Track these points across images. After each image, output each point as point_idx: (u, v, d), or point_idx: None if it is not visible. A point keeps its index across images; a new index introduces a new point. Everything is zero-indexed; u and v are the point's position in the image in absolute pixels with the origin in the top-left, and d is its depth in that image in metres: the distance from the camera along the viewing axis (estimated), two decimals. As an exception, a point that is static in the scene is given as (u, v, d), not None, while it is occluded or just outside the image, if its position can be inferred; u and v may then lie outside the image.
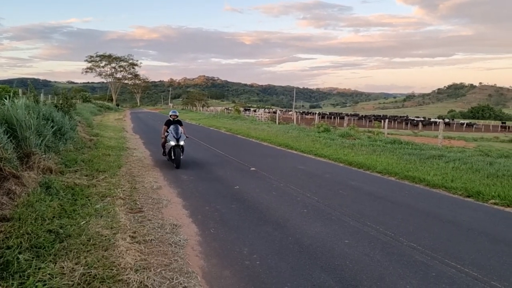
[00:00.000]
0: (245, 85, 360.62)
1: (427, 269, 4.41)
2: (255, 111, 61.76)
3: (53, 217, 5.28)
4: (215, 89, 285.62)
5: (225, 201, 7.34)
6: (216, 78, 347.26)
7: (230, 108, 71.29)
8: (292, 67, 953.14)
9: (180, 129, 11.02)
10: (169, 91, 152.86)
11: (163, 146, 11.68)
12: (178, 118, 11.57)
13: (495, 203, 7.56)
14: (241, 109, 64.69)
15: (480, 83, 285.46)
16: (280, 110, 66.44)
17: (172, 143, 10.62)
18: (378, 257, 4.74)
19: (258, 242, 5.17)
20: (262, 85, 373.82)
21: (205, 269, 4.35)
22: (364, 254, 4.81)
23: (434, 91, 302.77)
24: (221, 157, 13.28)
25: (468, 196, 8.12)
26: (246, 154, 14.28)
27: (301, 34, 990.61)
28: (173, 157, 10.76)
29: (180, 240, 5.15)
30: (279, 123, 30.82)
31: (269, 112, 54.14)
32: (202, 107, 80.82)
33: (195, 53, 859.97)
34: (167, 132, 11.12)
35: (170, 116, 11.41)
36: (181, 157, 10.76)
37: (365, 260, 4.63)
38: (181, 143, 10.74)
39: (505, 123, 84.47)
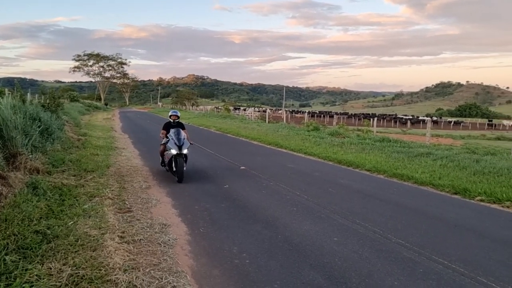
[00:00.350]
0: (235, 84, 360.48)
1: (414, 265, 4.46)
2: (245, 110, 61.75)
3: (40, 217, 5.22)
4: (205, 88, 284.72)
5: (215, 200, 7.32)
6: (205, 77, 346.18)
7: (220, 107, 71.20)
8: (281, 66, 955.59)
9: (183, 134, 9.12)
10: (158, 90, 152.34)
11: (162, 155, 9.68)
12: (180, 120, 9.83)
13: (481, 200, 7.66)
14: (231, 108, 64.58)
15: (467, 81, 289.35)
16: (270, 109, 66.51)
17: (173, 151, 8.69)
18: (366, 254, 4.78)
19: (248, 241, 5.17)
20: (252, 84, 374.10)
21: (194, 268, 4.34)
22: (353, 252, 4.85)
23: (422, 89, 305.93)
24: (211, 156, 13.26)
25: (455, 193, 8.22)
26: (236, 153, 14.27)
27: (291, 33, 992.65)
28: (174, 169, 8.84)
29: (169, 240, 5.13)
30: (269, 122, 30.85)
31: (259, 111, 54.19)
32: (192, 106, 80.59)
33: (184, 52, 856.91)
34: (167, 137, 9.24)
35: (170, 117, 9.70)
36: (184, 168, 8.88)
37: (354, 257, 4.67)
38: (184, 151, 8.79)
39: (491, 121, 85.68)
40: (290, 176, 9.82)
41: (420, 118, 79.01)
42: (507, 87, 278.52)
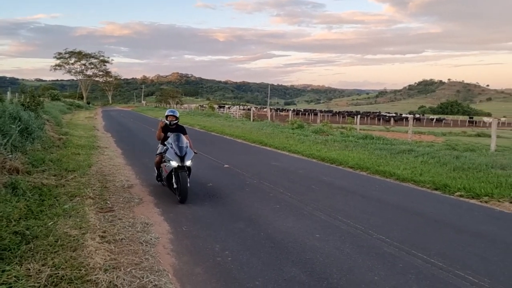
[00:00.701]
0: (220, 82, 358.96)
1: (394, 260, 4.53)
2: (229, 108, 61.63)
3: (20, 218, 5.13)
4: (189, 86, 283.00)
5: (198, 198, 7.31)
6: (190, 75, 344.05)
7: (204, 105, 70.92)
8: (266, 64, 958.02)
9: (185, 140, 7.39)
10: (141, 88, 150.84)
11: (158, 167, 7.87)
12: (179, 122, 7.94)
13: (460, 195, 7.80)
14: (216, 106, 64.41)
15: (449, 79, 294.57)
16: (255, 107, 66.50)
17: (174, 164, 6.93)
18: (348, 250, 4.83)
19: (230, 239, 5.18)
20: (236, 82, 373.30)
21: (176, 266, 4.33)
22: (334, 248, 4.90)
23: (405, 87, 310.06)
24: (195, 154, 13.18)
25: (436, 189, 8.36)
26: (220, 151, 14.24)
27: (275, 31, 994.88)
28: (175, 185, 7.07)
29: (151, 239, 5.11)
30: (253, 120, 30.87)
31: (243, 109, 54.15)
32: (176, 105, 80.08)
33: (168, 50, 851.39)
34: (164, 144, 7.56)
35: (166, 117, 7.76)
36: (188, 184, 7.02)
37: (335, 254, 4.71)
38: (188, 163, 7.03)
39: (472, 118, 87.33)
40: (273, 174, 9.85)
41: (403, 115, 79.91)
42: (487, 85, 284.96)
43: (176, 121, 7.78)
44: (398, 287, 3.89)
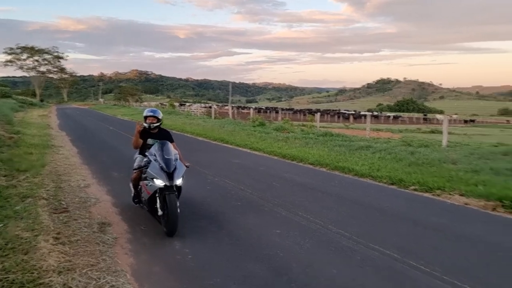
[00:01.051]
0: (180, 79, 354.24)
1: (352, 253, 4.64)
2: (190, 106, 60.97)
3: (-35, 221, 4.86)
4: (149, 84, 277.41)
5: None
6: (149, 72, 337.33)
7: (165, 103, 69.79)
8: (228, 61, 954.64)
9: (172, 150, 5.72)
10: (99, 85, 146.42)
11: (136, 185, 6.02)
12: (162, 126, 6.37)
13: (415, 189, 8.10)
14: (176, 104, 63.51)
15: (405, 78, 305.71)
16: (216, 105, 66.17)
17: (159, 183, 5.12)
18: (307, 245, 4.90)
19: (191, 237, 5.13)
20: (198, 80, 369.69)
21: (134, 266, 4.24)
22: (294, 243, 4.95)
23: (364, 85, 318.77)
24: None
25: (392, 184, 8.63)
26: (181, 149, 13.99)
27: (236, 29, 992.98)
28: (159, 211, 5.22)
29: (108, 239, 4.97)
30: (215, 118, 30.70)
31: (205, 107, 53.75)
32: (136, 102, 78.31)
33: (127, 46, 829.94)
34: (144, 155, 5.89)
35: (146, 119, 6.04)
36: (178, 210, 5.14)
37: (296, 249, 4.77)
38: (178, 182, 5.24)
39: (426, 115, 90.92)
40: (235, 171, 9.84)
41: (362, 113, 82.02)
42: (440, 84, 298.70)
43: (158, 124, 6.15)
44: (356, 279, 3.99)
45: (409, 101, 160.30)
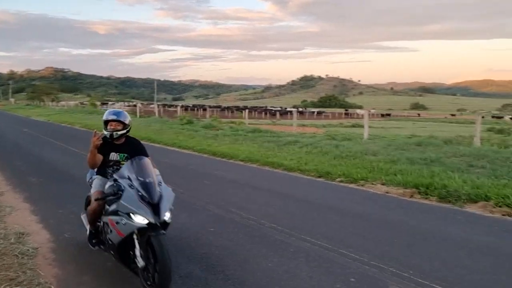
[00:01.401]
0: (101, 77, 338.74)
1: (286, 246, 4.74)
2: (113, 104, 58.46)
3: None
4: (67, 82, 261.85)
5: (83, 202, 6.76)
6: (66, 70, 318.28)
7: (85, 102, 66.20)
8: (151, 58, 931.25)
9: (152, 170, 4.03)
10: (9, 84, 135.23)
11: (94, 220, 4.18)
12: (131, 136, 4.68)
13: (341, 181, 8.49)
14: (98, 103, 60.57)
15: (327, 75, 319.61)
16: (141, 103, 64.14)
17: (141, 220, 3.39)
18: (242, 241, 4.92)
19: (121, 241, 4.90)
20: (120, 78, 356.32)
21: (60, 277, 3.95)
22: (228, 240, 4.95)
23: (288, 82, 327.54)
24: (76, 155, 12.26)
25: (319, 177, 8.96)
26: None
27: (160, 25, 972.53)
28: (140, 263, 3.43)
29: (28, 250, 4.58)
30: (140, 117, 29.76)
31: (129, 105, 51.89)
32: (52, 102, 73.35)
33: (40, 41, 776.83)
34: (104, 177, 4.44)
35: (106, 125, 4.40)
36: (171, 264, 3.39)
37: (230, 246, 4.77)
38: (166, 217, 3.53)
39: (347, 110, 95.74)
40: (164, 171, 9.47)
41: (288, 109, 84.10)
42: (359, 80, 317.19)
43: (125, 131, 4.43)
44: (290, 271, 4.08)
45: (332, 97, 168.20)
